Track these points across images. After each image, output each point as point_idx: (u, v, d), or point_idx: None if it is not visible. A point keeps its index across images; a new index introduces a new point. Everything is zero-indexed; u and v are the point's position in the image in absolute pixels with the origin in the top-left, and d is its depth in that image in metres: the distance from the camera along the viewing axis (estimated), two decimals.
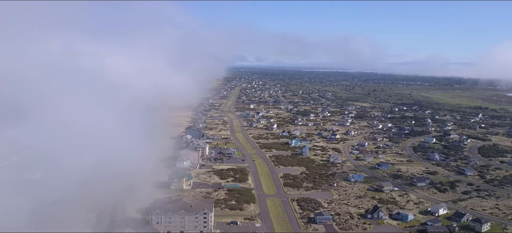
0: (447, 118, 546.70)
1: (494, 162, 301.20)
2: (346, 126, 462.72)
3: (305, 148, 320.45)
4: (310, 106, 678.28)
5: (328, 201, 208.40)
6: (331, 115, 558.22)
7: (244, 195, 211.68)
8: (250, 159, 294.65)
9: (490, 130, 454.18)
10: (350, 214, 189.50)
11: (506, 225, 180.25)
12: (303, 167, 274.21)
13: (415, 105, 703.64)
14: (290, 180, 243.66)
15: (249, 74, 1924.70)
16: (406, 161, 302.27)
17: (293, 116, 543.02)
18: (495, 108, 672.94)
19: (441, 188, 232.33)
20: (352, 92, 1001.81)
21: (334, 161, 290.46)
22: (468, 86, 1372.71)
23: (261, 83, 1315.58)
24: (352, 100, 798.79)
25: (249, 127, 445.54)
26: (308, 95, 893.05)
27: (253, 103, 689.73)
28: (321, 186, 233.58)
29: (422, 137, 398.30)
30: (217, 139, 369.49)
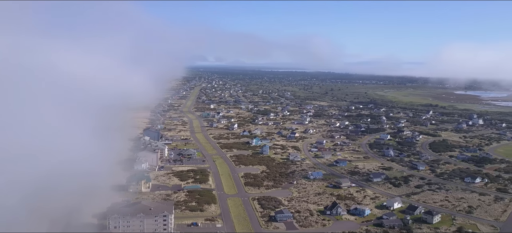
0: (401, 116, 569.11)
1: (444, 157, 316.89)
2: (305, 124, 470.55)
3: (265, 147, 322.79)
4: (270, 105, 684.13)
5: (288, 199, 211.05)
6: (290, 114, 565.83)
7: (205, 196, 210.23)
8: (210, 160, 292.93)
9: (440, 126, 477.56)
10: (309, 211, 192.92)
11: (455, 216, 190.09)
12: (264, 166, 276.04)
13: (370, 104, 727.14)
14: (251, 179, 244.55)
15: (209, 74, 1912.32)
16: (363, 158, 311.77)
17: (253, 115, 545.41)
18: (444, 106, 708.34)
19: (396, 183, 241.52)
20: (310, 92, 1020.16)
21: (293, 159, 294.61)
22: (420, 85, 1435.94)
23: (221, 83, 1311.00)
24: (310, 99, 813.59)
25: (210, 127, 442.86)
26: (268, 95, 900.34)
27: (214, 103, 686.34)
28: (281, 184, 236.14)
29: (377, 134, 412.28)
30: (176, 140, 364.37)
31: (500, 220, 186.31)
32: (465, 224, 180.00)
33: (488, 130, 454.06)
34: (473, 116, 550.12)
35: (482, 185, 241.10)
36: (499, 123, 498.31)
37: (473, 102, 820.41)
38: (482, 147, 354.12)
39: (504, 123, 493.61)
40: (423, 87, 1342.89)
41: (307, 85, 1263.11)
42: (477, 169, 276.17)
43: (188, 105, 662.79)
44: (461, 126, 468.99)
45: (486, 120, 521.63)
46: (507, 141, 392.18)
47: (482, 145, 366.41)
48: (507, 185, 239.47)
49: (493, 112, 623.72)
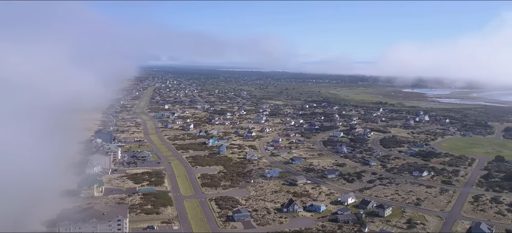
0: (353, 113, 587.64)
1: (394, 152, 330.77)
2: (261, 123, 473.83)
3: (222, 147, 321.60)
4: (227, 105, 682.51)
5: (245, 198, 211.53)
6: (247, 114, 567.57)
7: (161, 198, 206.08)
8: (166, 161, 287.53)
9: (390, 123, 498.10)
10: (267, 209, 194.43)
11: (404, 208, 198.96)
12: (221, 166, 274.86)
13: (324, 102, 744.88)
14: (208, 180, 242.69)
15: (162, 74, 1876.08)
16: (317, 155, 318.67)
17: (210, 115, 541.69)
18: (393, 103, 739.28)
19: (349, 179, 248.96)
20: (266, 91, 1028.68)
21: (250, 158, 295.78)
22: (370, 83, 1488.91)
23: (176, 82, 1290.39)
24: (266, 98, 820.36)
25: (164, 128, 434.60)
26: (224, 94, 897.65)
27: (168, 104, 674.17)
28: (238, 184, 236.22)
29: (331, 131, 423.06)
30: (130, 142, 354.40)
31: (445, 211, 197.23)
32: (414, 215, 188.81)
33: (433, 125, 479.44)
34: (420, 112, 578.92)
35: (428, 178, 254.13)
36: (443, 119, 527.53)
37: (419, 100, 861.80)
38: (428, 142, 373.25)
39: (447, 119, 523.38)
40: (374, 85, 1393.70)
41: (263, 85, 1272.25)
42: (424, 163, 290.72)
43: (142, 106, 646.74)
44: (409, 123, 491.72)
45: (431, 116, 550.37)
46: (450, 135, 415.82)
47: (428, 140, 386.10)
48: (451, 178, 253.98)
49: (438, 109, 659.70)
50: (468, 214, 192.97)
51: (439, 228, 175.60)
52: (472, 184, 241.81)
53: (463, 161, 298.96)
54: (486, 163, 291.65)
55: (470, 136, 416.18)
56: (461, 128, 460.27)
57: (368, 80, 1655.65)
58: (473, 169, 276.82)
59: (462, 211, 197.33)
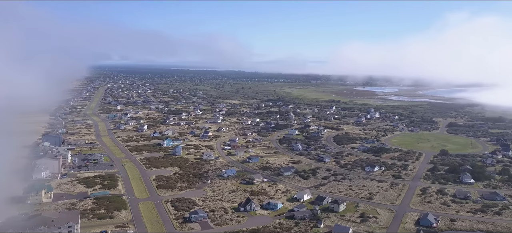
0: (307, 112, 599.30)
1: (347, 149, 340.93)
2: (217, 123, 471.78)
3: (178, 148, 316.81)
4: (182, 105, 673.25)
5: (202, 198, 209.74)
6: (203, 113, 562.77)
7: (114, 202, 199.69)
8: (119, 164, 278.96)
9: (342, 120, 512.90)
10: (224, 209, 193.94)
11: (358, 203, 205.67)
12: (177, 167, 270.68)
13: (279, 101, 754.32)
14: (163, 181, 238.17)
15: (114, 73, 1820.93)
16: (274, 153, 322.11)
17: (164, 115, 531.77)
18: (345, 101, 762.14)
19: (305, 176, 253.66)
20: (222, 90, 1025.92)
21: (207, 159, 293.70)
22: (323, 82, 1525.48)
23: (128, 82, 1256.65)
24: (222, 97, 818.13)
25: (117, 129, 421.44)
26: (179, 94, 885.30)
27: (121, 104, 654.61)
28: (195, 185, 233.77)
29: (286, 129, 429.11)
30: (80, 145, 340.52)
31: (396, 204, 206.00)
32: (366, 209, 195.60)
33: (383, 122, 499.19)
34: (371, 110, 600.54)
35: (380, 173, 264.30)
36: (393, 115, 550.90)
37: (370, 97, 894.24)
38: (379, 138, 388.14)
39: (396, 116, 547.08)
40: (326, 84, 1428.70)
41: (219, 84, 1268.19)
42: (375, 159, 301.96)
43: (93, 107, 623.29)
44: (360, 120, 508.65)
45: (381, 113, 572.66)
46: (399, 131, 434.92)
47: (379, 136, 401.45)
48: (401, 172, 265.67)
49: (387, 106, 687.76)
50: (417, 206, 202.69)
51: (390, 220, 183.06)
52: (420, 177, 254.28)
53: (411, 155, 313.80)
54: (432, 157, 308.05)
55: (417, 131, 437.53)
56: (409, 124, 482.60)
57: (321, 79, 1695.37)
58: (420, 163, 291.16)
59: (411, 203, 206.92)
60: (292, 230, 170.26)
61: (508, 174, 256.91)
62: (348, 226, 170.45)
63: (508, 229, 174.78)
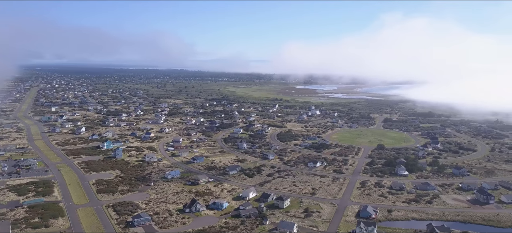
0: (251, 110, 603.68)
1: (290, 146, 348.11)
2: (160, 123, 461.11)
3: (118, 150, 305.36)
4: (122, 105, 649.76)
5: (146, 201, 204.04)
6: (144, 114, 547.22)
7: (50, 209, 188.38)
8: (55, 169, 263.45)
9: (285, 118, 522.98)
10: (169, 211, 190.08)
11: (301, 198, 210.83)
12: (118, 170, 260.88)
13: (223, 100, 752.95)
14: (103, 185, 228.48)
15: (48, 73, 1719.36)
16: (219, 153, 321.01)
17: (103, 117, 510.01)
18: (287, 99, 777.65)
19: (250, 174, 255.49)
20: (164, 90, 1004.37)
21: (150, 161, 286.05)
22: (266, 81, 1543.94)
23: (64, 82, 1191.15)
24: (164, 97, 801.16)
25: (52, 133, 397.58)
26: (119, 94, 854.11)
27: (55, 106, 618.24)
28: (137, 188, 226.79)
29: (231, 128, 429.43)
30: (10, 150, 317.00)
31: (338, 198, 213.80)
32: (310, 205, 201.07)
33: (324, 119, 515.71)
34: (312, 107, 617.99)
35: (322, 168, 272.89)
36: (332, 112, 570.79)
37: (311, 95, 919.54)
38: (320, 135, 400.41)
39: (336, 113, 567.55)
40: (269, 83, 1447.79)
41: (161, 83, 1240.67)
42: (317, 155, 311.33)
43: (24, 109, 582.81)
44: (302, 117, 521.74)
45: (322, 110, 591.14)
46: (339, 128, 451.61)
47: (320, 133, 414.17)
48: (341, 167, 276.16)
49: (327, 103, 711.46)
50: (357, 199, 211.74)
51: (332, 214, 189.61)
52: (359, 171, 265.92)
53: (351, 151, 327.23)
54: (370, 152, 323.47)
55: (356, 127, 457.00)
56: (348, 120, 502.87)
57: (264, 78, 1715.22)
58: (359, 158, 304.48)
59: (352, 196, 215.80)
60: (238, 229, 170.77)
61: (437, 165, 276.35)
62: (293, 222, 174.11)
63: (439, 217, 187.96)
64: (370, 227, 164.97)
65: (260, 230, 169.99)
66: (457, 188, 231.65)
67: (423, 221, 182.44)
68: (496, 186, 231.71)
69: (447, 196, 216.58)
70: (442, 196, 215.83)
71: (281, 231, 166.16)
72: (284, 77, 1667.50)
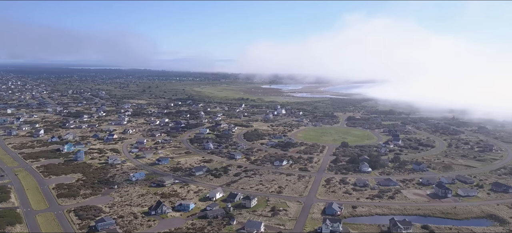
0: (217, 110, 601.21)
1: (256, 145, 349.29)
2: (123, 125, 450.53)
3: (80, 152, 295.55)
4: (83, 106, 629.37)
5: (109, 205, 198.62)
6: (107, 115, 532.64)
7: (7, 216, 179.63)
8: (11, 174, 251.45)
9: (251, 117, 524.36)
10: (133, 214, 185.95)
11: (268, 197, 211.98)
12: (80, 174, 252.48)
13: (189, 100, 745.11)
14: (64, 190, 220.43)
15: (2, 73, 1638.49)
16: (185, 153, 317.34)
17: (63, 118, 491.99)
18: (254, 99, 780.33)
19: (217, 174, 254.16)
20: (127, 90, 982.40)
21: (113, 163, 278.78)
22: (232, 80, 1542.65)
23: (20, 83, 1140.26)
24: (127, 97, 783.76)
25: (8, 136, 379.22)
26: (80, 95, 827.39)
27: (11, 107, 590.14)
28: (100, 191, 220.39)
29: (197, 129, 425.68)
30: None
31: (304, 195, 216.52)
32: (277, 203, 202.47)
33: (289, 118, 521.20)
34: (277, 107, 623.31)
35: (288, 166, 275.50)
36: (298, 111, 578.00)
37: (276, 95, 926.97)
38: (286, 134, 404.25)
39: (301, 112, 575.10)
40: (235, 82, 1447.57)
41: (123, 83, 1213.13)
42: (283, 153, 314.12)
43: None
44: (268, 116, 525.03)
45: (287, 109, 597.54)
46: (304, 126, 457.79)
47: (285, 131, 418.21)
48: (307, 165, 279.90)
49: (293, 103, 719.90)
50: (322, 196, 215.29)
51: (299, 212, 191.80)
52: (324, 169, 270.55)
53: (316, 149, 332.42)
54: (334, 149, 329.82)
55: (320, 126, 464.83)
56: (313, 119, 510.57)
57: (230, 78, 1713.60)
58: (324, 156, 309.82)
59: (317, 194, 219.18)
60: (205, 230, 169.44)
61: (399, 161, 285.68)
62: (260, 221, 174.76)
63: (401, 211, 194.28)
64: (335, 224, 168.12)
65: (227, 230, 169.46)
66: (417, 183, 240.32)
67: (386, 216, 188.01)
68: (453, 180, 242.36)
69: (408, 191, 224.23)
70: (403, 191, 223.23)
71: (248, 230, 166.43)
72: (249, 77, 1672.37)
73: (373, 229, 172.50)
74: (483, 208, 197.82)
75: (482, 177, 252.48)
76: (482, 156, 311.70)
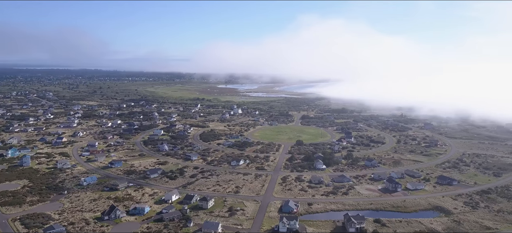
0: (172, 110, 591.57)
1: (213, 145, 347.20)
2: (73, 127, 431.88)
3: (25, 157, 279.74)
4: (28, 108, 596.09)
5: (59, 211, 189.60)
6: (55, 117, 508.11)
7: None
8: None
9: (208, 118, 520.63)
10: (85, 220, 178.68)
11: (225, 197, 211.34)
12: (26, 180, 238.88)
13: (142, 100, 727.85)
14: (9, 197, 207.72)
15: None
16: (138, 156, 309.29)
17: (6, 122, 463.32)
18: (210, 99, 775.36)
19: (172, 176, 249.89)
20: (76, 91, 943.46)
21: (62, 167, 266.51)
22: (187, 80, 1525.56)
23: None
24: (77, 99, 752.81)
25: None
26: (25, 97, 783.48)
27: None
28: (49, 197, 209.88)
29: (151, 130, 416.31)
30: None
31: (261, 194, 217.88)
32: (234, 203, 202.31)
33: (246, 118, 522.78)
34: (234, 106, 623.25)
35: (245, 166, 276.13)
36: (254, 111, 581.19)
37: (233, 95, 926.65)
38: (242, 133, 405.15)
39: (257, 111, 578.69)
40: (190, 82, 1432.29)
41: (73, 84, 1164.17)
42: (240, 153, 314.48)
43: None
44: (225, 116, 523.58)
45: (244, 109, 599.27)
46: (260, 126, 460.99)
47: (242, 131, 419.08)
48: (263, 163, 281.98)
49: (249, 102, 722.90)
50: (279, 195, 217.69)
51: (256, 211, 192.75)
52: (280, 167, 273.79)
53: (272, 147, 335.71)
54: (290, 148, 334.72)
55: (276, 125, 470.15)
56: (269, 118, 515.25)
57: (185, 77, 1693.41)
58: (280, 154, 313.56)
59: (274, 192, 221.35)
60: None
61: (352, 158, 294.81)
62: (217, 221, 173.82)
63: (354, 206, 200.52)
64: (292, 221, 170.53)
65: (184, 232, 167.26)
66: (369, 178, 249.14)
67: (340, 211, 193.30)
68: (403, 175, 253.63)
69: (361, 187, 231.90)
70: (356, 187, 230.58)
71: (206, 231, 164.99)
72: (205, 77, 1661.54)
73: (328, 225, 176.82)
74: (429, 201, 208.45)
75: (429, 171, 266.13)
76: (428, 151, 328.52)
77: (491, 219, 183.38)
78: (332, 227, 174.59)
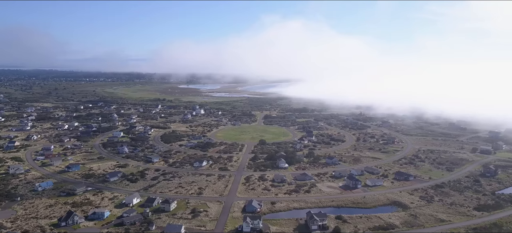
0: (132, 112, 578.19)
1: (175, 147, 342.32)
2: (26, 130, 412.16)
3: None
4: None
5: (11, 219, 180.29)
6: (6, 120, 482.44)
7: None
8: None
9: (169, 118, 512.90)
10: (41, 228, 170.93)
11: (188, 199, 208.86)
12: None
13: (100, 102, 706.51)
14: None
15: None
16: (97, 159, 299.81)
17: None
18: (171, 99, 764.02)
19: (133, 179, 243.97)
20: (30, 92, 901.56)
21: (15, 173, 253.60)
22: (147, 81, 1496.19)
23: None
24: (31, 101, 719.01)
25: None
26: None
27: None
28: (0, 205, 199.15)
29: (110, 132, 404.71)
30: None
31: (224, 195, 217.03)
32: (197, 205, 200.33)
33: (208, 118, 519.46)
34: (196, 107, 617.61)
35: (208, 167, 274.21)
36: (216, 111, 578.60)
37: (194, 95, 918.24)
38: (205, 134, 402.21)
39: (220, 111, 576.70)
40: (150, 82, 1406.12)
41: (26, 85, 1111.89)
42: (203, 154, 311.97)
43: None
44: (186, 117, 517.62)
45: (206, 109, 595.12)
46: (223, 126, 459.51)
47: (205, 132, 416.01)
48: (227, 164, 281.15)
49: (211, 102, 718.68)
50: (242, 194, 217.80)
51: (219, 212, 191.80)
52: (244, 167, 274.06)
53: (235, 147, 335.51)
54: (253, 147, 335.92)
55: (239, 125, 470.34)
56: (231, 118, 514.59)
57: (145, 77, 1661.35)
58: (243, 154, 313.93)
59: (238, 192, 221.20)
60: None
61: (313, 156, 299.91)
62: (180, 224, 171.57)
63: (317, 204, 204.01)
64: (256, 221, 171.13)
65: None
66: (330, 176, 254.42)
67: (303, 209, 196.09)
68: (362, 172, 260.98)
69: (322, 185, 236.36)
70: (318, 185, 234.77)
71: None
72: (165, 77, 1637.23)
73: (292, 223, 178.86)
74: (388, 196, 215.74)
75: (387, 168, 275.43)
76: (386, 148, 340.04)
77: (444, 212, 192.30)
78: (295, 225, 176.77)
